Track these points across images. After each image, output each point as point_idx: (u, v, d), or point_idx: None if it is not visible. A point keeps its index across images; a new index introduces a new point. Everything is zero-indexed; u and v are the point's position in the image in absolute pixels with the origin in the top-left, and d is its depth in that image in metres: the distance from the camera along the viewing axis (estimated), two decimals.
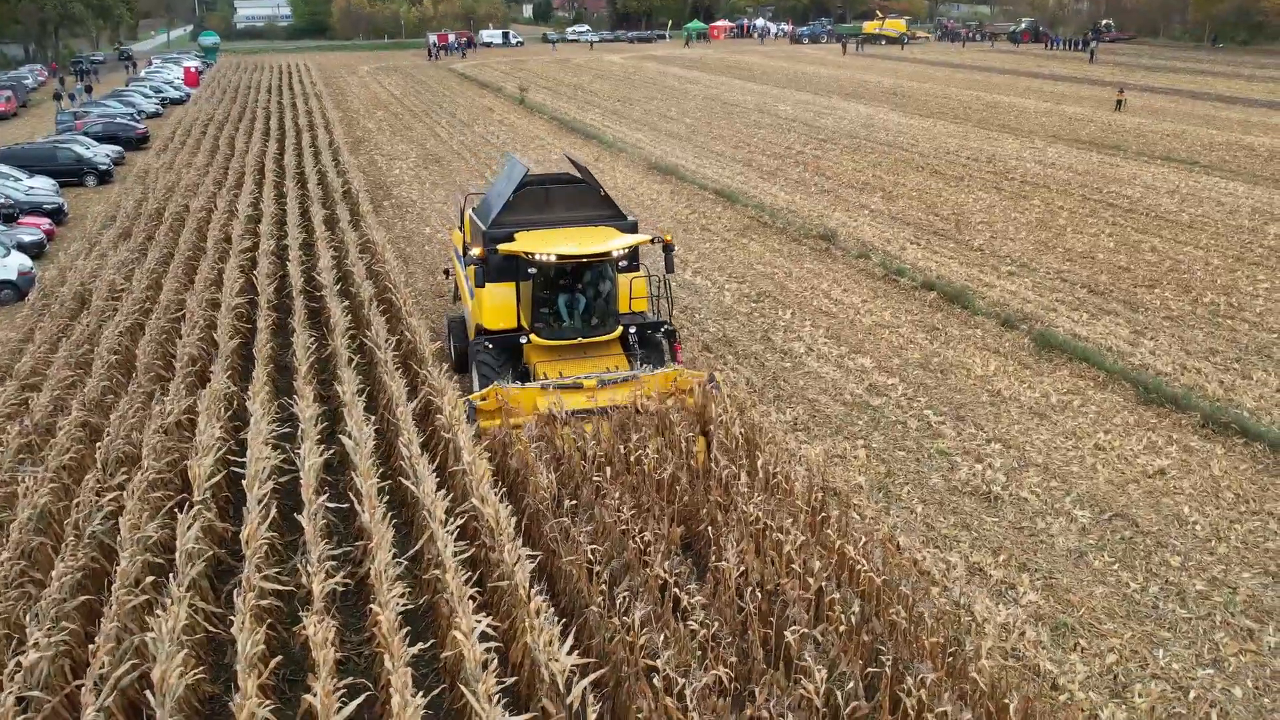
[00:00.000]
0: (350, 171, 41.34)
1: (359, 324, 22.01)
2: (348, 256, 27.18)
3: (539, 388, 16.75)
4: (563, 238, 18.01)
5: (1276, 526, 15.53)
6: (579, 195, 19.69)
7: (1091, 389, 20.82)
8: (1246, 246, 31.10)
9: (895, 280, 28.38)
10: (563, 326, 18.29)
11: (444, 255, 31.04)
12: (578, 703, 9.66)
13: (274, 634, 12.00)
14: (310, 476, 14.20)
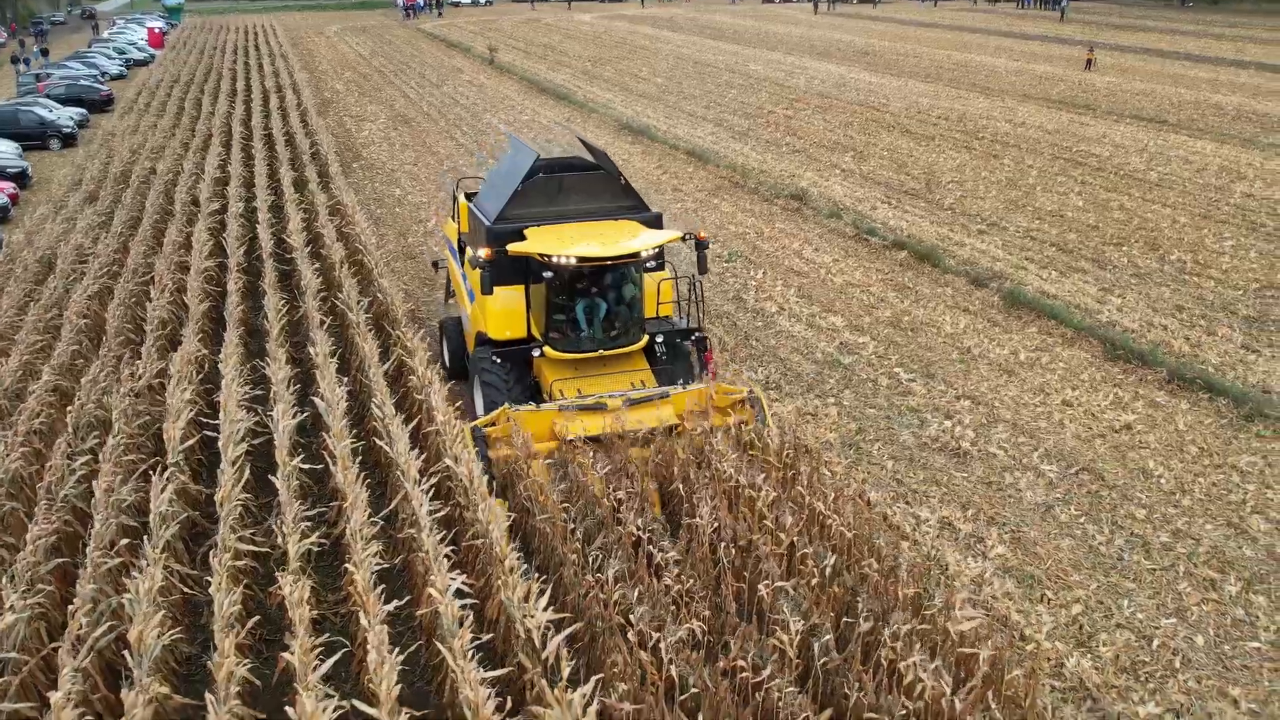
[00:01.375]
0: (319, 133, 40.97)
1: (330, 286, 21.93)
2: (317, 219, 27.02)
3: (557, 409, 14.53)
4: (581, 235, 15.52)
5: (1239, 480, 15.80)
6: (596, 184, 16.96)
7: (1059, 346, 21.03)
8: (1213, 204, 31.36)
9: (866, 239, 28.48)
10: (581, 337, 15.79)
11: (415, 216, 30.93)
12: (553, 657, 9.77)
13: (250, 594, 12.06)
14: (284, 438, 14.22)
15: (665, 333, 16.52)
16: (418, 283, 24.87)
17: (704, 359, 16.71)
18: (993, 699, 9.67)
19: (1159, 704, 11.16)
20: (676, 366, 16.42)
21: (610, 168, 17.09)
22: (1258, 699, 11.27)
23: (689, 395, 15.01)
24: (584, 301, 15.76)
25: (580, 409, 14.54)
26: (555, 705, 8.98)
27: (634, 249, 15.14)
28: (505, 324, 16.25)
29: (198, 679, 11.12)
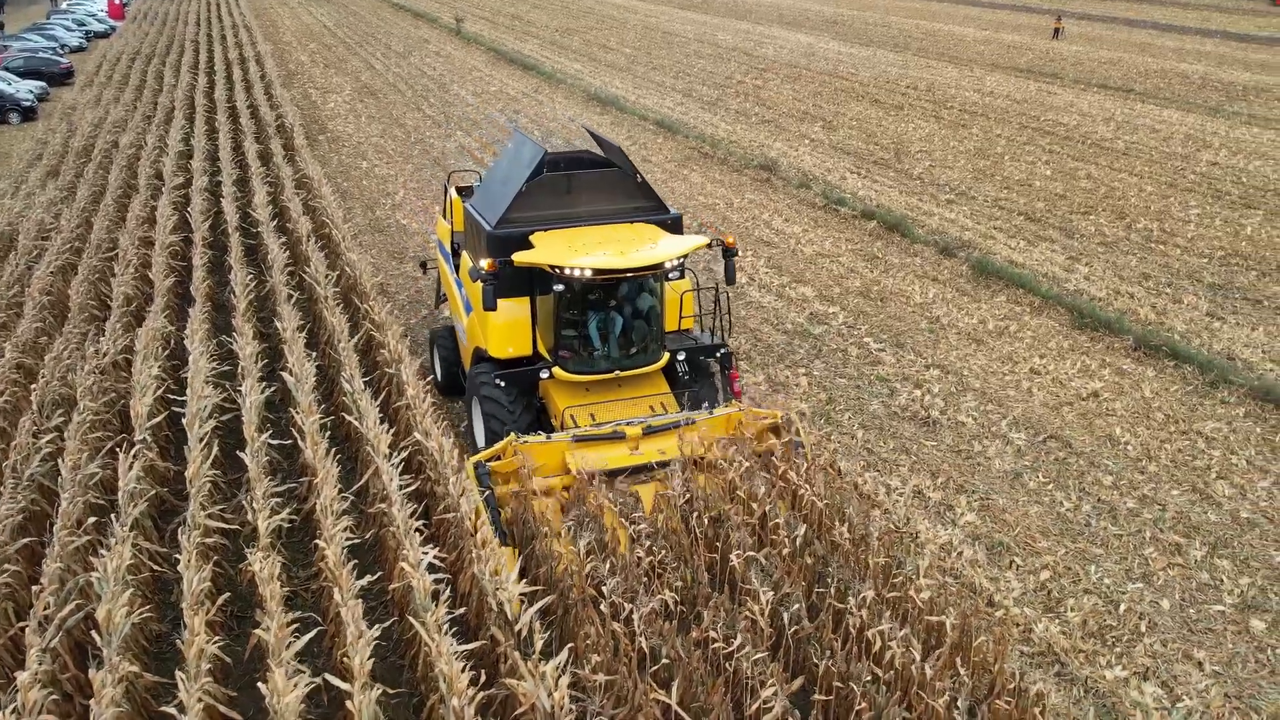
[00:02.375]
0: (283, 105, 40.50)
1: (297, 260, 21.74)
2: (283, 192, 26.76)
3: (570, 440, 12.92)
4: (595, 242, 13.79)
5: (1204, 445, 15.97)
6: (609, 182, 15.16)
7: (1027, 314, 21.16)
8: (1179, 173, 31.57)
9: (836, 210, 28.50)
10: (594, 356, 14.09)
11: (382, 189, 30.68)
12: (526, 630, 9.79)
13: (220, 571, 12.00)
14: (252, 414, 14.12)
15: (687, 349, 14.85)
16: (386, 255, 24.70)
17: (729, 377, 15.18)
18: (961, 665, 9.77)
19: (1125, 667, 11.31)
20: (700, 387, 14.87)
21: (625, 164, 15.24)
22: (1221, 661, 11.43)
23: (716, 421, 13.48)
24: (598, 316, 14.05)
25: (596, 439, 12.98)
26: (529, 677, 9.00)
27: (656, 259, 13.28)
28: (508, 340, 14.49)
29: (168, 657, 11.05)
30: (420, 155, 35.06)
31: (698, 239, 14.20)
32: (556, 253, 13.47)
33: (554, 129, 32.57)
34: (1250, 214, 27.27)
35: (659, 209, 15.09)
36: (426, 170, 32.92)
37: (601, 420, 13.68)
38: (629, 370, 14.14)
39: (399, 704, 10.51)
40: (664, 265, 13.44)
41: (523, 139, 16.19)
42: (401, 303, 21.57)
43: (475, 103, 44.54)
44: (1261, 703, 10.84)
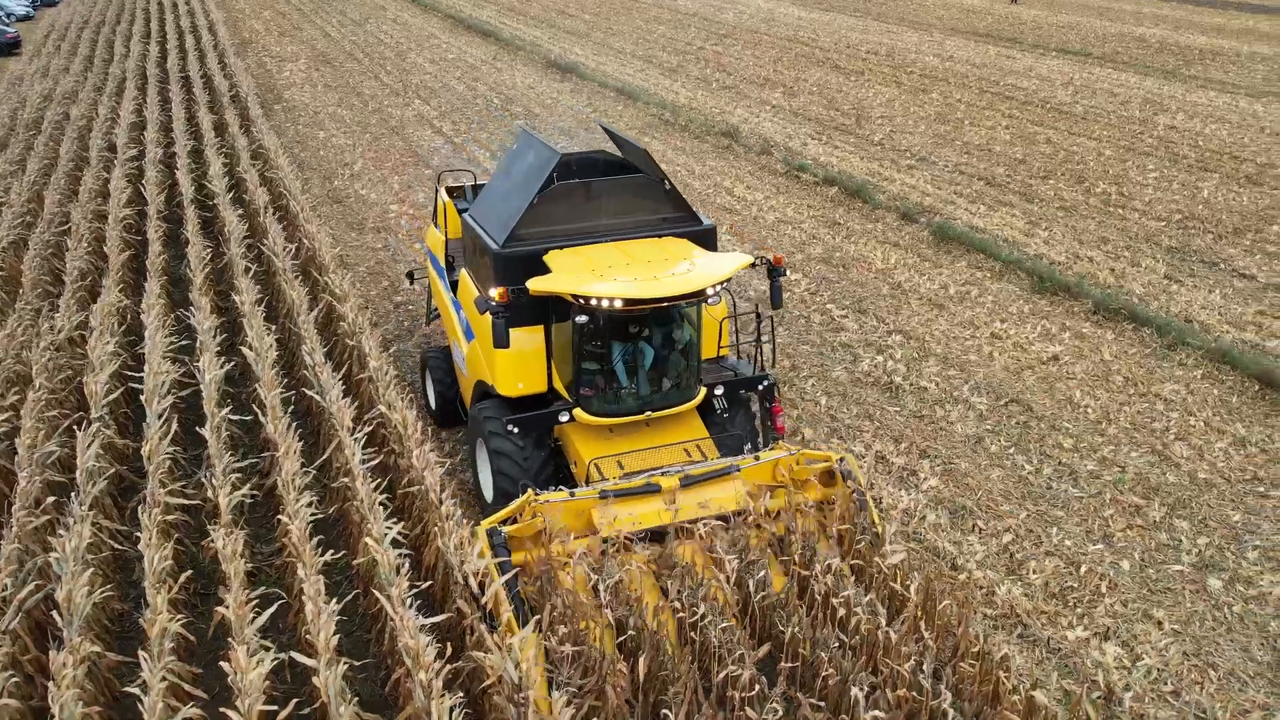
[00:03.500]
0: (238, 75, 39.91)
1: (255, 232, 21.50)
2: (239, 163, 26.40)
3: (597, 495, 11.01)
4: (622, 262, 11.89)
5: (1163, 408, 16.15)
6: (633, 190, 13.12)
7: (988, 279, 21.27)
8: (1137, 137, 31.78)
9: (797, 176, 28.49)
10: (622, 394, 12.23)
11: (340, 160, 30.34)
12: (492, 603, 9.77)
13: (182, 549, 11.90)
14: (211, 389, 13.97)
15: (727, 383, 13.07)
16: (344, 226, 24.45)
17: (771, 411, 13.39)
18: (926, 629, 9.85)
19: (1086, 628, 11.45)
20: (738, 424, 13.27)
21: (650, 168, 13.23)
22: (1180, 619, 11.61)
23: (761, 469, 11.70)
24: (625, 347, 12.17)
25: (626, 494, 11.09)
26: (495, 650, 8.99)
27: (696, 284, 11.42)
28: (518, 376, 12.56)
29: (131, 636, 10.96)
30: (379, 124, 34.69)
31: (741, 258, 12.36)
32: (579, 277, 11.53)
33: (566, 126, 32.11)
34: (1207, 177, 27.52)
35: (690, 219, 13.20)
36: (385, 140, 32.58)
37: (630, 468, 11.90)
38: (661, 410, 12.24)
39: (365, 678, 10.48)
40: (705, 292, 11.54)
41: (531, 139, 14.08)
42: (361, 274, 21.38)
43: (434, 70, 44.07)
44: (1219, 660, 11.02)
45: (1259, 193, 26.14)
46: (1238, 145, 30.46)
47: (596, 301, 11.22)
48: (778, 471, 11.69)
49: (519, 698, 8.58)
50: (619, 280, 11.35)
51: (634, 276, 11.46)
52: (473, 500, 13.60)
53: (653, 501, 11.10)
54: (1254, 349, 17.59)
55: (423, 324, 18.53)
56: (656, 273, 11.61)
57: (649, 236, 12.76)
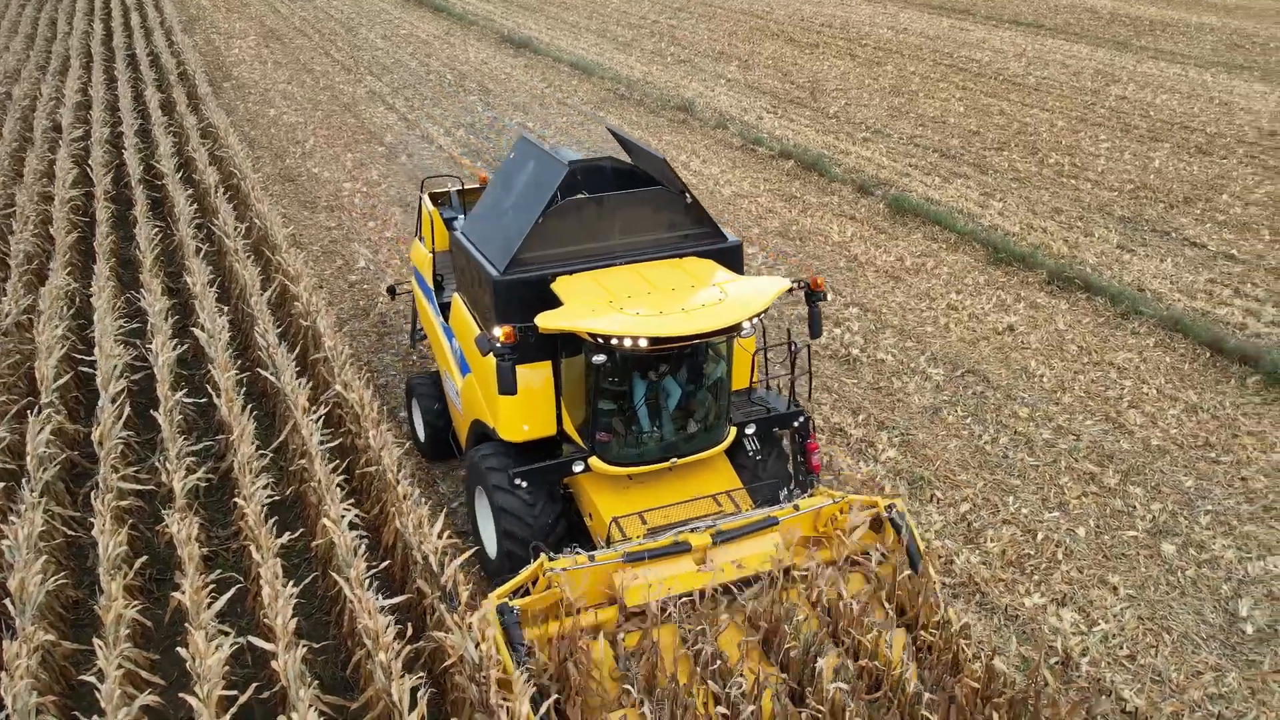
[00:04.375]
0: (185, 52, 39.27)
1: (205, 212, 21.20)
2: (188, 142, 26.01)
3: (620, 558, 9.48)
4: (642, 289, 10.47)
5: (1116, 376, 16.33)
6: (651, 204, 11.49)
7: (944, 251, 21.37)
8: (1089, 108, 32.00)
9: (753, 149, 28.46)
10: (644, 439, 10.84)
11: (291, 137, 29.94)
12: (451, 582, 9.72)
13: (136, 534, 11.75)
14: (164, 372, 13.79)
15: (759, 420, 11.60)
16: (297, 205, 24.16)
17: (806, 449, 11.94)
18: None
19: (1044, 594, 11.58)
20: (770, 464, 11.77)
21: (669, 179, 11.53)
22: (1135, 585, 11.76)
23: (804, 517, 10.24)
24: (647, 386, 10.71)
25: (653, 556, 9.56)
26: (456, 629, 8.95)
27: (731, 319, 9.88)
28: (524, 419, 11.06)
29: (86, 624, 10.82)
30: (330, 102, 34.27)
31: (777, 284, 10.66)
32: (594, 311, 10.04)
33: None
34: (1158, 147, 27.78)
35: (714, 236, 11.69)
36: (337, 117, 32.20)
37: (653, 522, 10.50)
38: (688, 456, 10.84)
39: (325, 660, 10.41)
40: (741, 327, 10.06)
41: (531, 148, 12.52)
42: (315, 253, 21.14)
43: (385, 46, 43.57)
44: (1173, 623, 11.18)
45: (1209, 162, 26.43)
46: (1188, 115, 30.76)
47: (618, 341, 9.67)
48: (819, 521, 10.26)
49: (480, 677, 8.55)
50: (641, 313, 9.84)
51: (658, 309, 9.91)
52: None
53: (682, 562, 9.59)
54: (1205, 317, 17.81)
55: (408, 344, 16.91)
56: (684, 304, 10.06)
57: (668, 256, 11.29)
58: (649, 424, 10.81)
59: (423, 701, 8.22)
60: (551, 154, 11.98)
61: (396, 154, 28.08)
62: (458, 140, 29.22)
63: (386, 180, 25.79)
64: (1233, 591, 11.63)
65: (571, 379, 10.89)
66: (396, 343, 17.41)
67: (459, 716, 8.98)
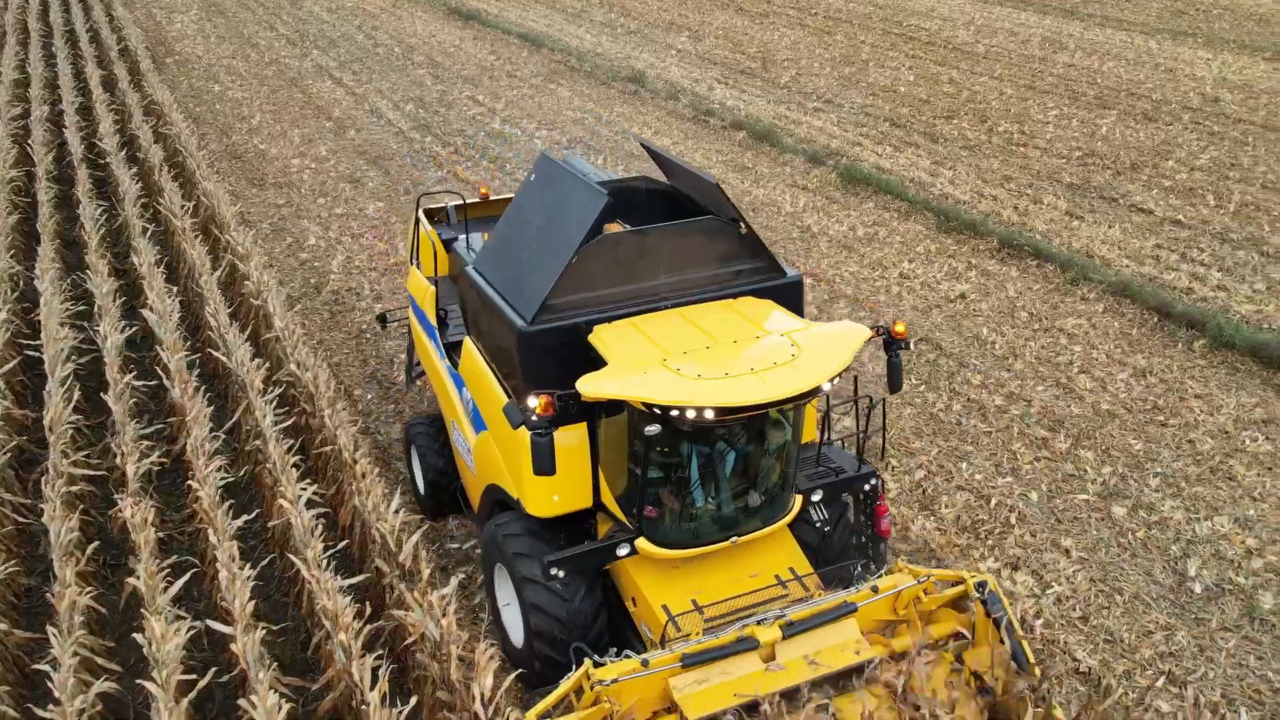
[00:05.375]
0: (126, 26, 38.53)
1: (151, 191, 20.85)
2: (131, 120, 25.57)
3: (678, 660, 7.98)
4: (697, 340, 8.81)
5: (1066, 342, 16.53)
6: (700, 235, 9.78)
7: (895, 220, 21.49)
8: (1037, 75, 32.23)
9: (705, 121, 28.41)
10: (700, 515, 9.16)
11: (236, 113, 29.49)
12: (410, 560, 9.70)
13: (89, 520, 11.60)
14: (113, 355, 13.60)
15: (826, 485, 9.98)
16: (245, 183, 23.83)
17: (875, 512, 10.43)
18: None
19: (998, 559, 11.74)
20: (836, 533, 10.33)
21: (720, 205, 9.87)
22: (1087, 547, 11.95)
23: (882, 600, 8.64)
24: (701, 451, 8.92)
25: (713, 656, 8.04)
26: (416, 607, 8.93)
27: (811, 381, 8.25)
28: (555, 489, 9.29)
29: (39, 611, 10.69)
30: (276, 77, 33.78)
31: (856, 333, 8.96)
32: (645, 370, 8.37)
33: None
34: (1105, 114, 28.04)
35: (771, 270, 10.00)
36: (283, 92, 31.74)
37: (711, 610, 8.96)
38: (751, 533, 9.16)
39: (285, 642, 10.36)
40: (820, 388, 8.39)
41: (557, 169, 10.55)
42: (264, 231, 20.88)
43: (331, 20, 42.99)
44: (1124, 584, 11.38)
45: (1155, 129, 26.73)
46: (1134, 82, 31.06)
47: (683, 413, 8.04)
48: (899, 603, 8.72)
49: (441, 654, 8.56)
50: (703, 376, 8.16)
51: (722, 369, 8.25)
52: (386, 456, 13.42)
53: (748, 660, 8.08)
54: (1152, 282, 18.05)
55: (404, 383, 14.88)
56: (752, 361, 8.36)
57: (720, 296, 9.66)
58: (705, 497, 9.12)
59: (384, 679, 8.21)
60: (582, 177, 10.08)
61: (345, 129, 27.76)
62: (407, 115, 28.92)
63: (335, 156, 25.50)
64: (1181, 552, 11.85)
65: (611, 442, 9.21)
66: (350, 321, 17.26)
67: (420, 694, 8.98)
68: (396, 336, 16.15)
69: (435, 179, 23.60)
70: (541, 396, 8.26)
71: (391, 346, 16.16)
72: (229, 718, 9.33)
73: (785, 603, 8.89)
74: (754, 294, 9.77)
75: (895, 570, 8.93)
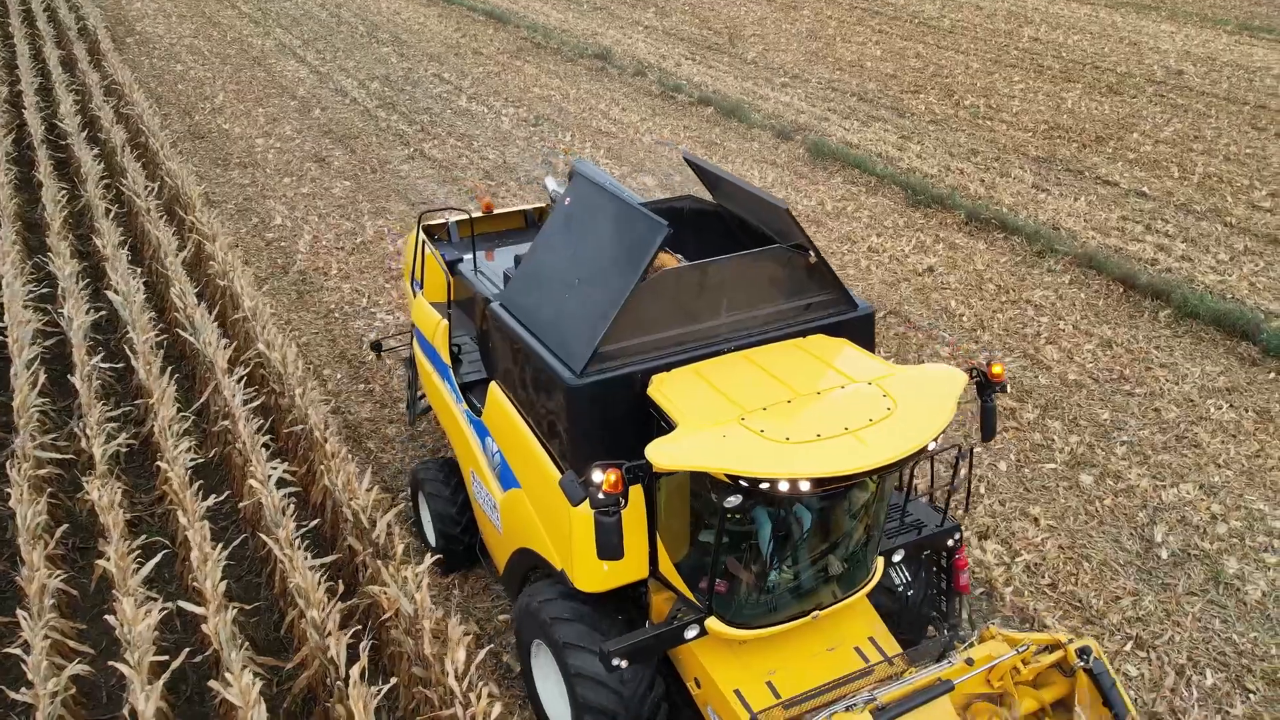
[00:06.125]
0: (85, 5, 38.00)
1: (113, 172, 20.61)
2: (92, 100, 25.23)
3: None
4: (775, 393, 7.54)
5: (1033, 313, 16.65)
6: (765, 266, 8.61)
7: (864, 194, 21.55)
8: (1003, 49, 32.34)
9: (672, 97, 28.34)
10: (775, 587, 7.90)
11: (199, 93, 29.14)
12: (384, 537, 9.68)
13: (56, 503, 11.50)
14: (78, 337, 13.47)
15: (909, 545, 8.83)
16: (209, 163, 23.58)
17: (954, 566, 9.21)
18: None
19: (968, 528, 11.84)
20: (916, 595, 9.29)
21: (787, 229, 8.69)
22: (1055, 515, 12.08)
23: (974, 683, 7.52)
24: (783, 518, 7.64)
25: None
26: (392, 583, 8.93)
27: (917, 442, 7.03)
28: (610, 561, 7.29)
29: (8, 596, 10.60)
30: (239, 56, 33.40)
31: (952, 379, 7.86)
32: (723, 432, 7.10)
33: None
34: (1070, 87, 28.19)
35: (843, 303, 8.83)
36: (246, 71, 31.39)
37: (788, 692, 7.82)
38: (832, 605, 8.00)
39: (258, 622, 10.32)
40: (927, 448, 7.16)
41: (597, 191, 9.12)
42: (229, 211, 20.68)
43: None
44: (1092, 551, 11.51)
45: (1119, 101, 26.91)
46: (1098, 55, 31.24)
47: (777, 485, 6.71)
48: (994, 675, 7.63)
49: (416, 629, 8.56)
50: (788, 434, 6.95)
51: (812, 429, 7.01)
52: (357, 435, 13.36)
53: None
54: (1117, 253, 18.20)
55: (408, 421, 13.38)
56: (844, 418, 7.14)
57: (787, 334, 8.46)
58: (784, 567, 7.93)
59: (364, 654, 8.20)
60: (634, 204, 8.75)
61: (310, 108, 27.51)
62: (372, 93, 28.69)
63: (301, 135, 25.27)
64: (1148, 519, 12.00)
65: (670, 504, 7.88)
66: (318, 300, 17.14)
67: (396, 671, 8.98)
68: (374, 330, 16.07)
69: (402, 157, 23.45)
70: (609, 471, 6.78)
71: (360, 326, 16.07)
72: (203, 698, 9.31)
73: (872, 682, 7.85)
74: (824, 330, 8.58)
75: (987, 637, 7.88)
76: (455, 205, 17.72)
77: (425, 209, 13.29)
